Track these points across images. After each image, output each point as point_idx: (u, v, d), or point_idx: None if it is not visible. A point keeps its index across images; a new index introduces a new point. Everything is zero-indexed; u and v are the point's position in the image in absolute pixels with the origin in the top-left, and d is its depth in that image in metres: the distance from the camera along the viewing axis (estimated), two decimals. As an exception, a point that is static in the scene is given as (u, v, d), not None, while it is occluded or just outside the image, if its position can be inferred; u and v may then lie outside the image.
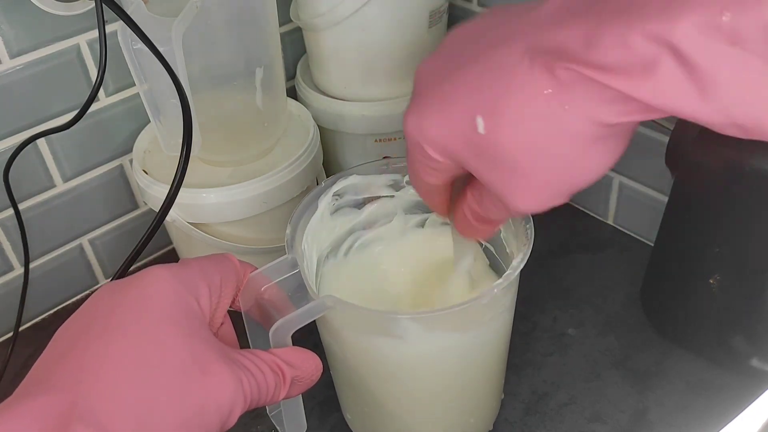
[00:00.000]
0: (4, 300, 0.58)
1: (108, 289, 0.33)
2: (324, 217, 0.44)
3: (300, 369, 0.35)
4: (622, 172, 0.61)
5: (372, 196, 0.47)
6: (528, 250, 0.38)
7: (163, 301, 0.31)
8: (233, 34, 0.50)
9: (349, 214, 0.46)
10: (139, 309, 0.31)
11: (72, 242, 0.61)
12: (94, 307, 0.32)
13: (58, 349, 0.30)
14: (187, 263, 0.34)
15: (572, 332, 0.55)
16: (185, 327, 0.31)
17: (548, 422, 0.49)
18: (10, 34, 0.50)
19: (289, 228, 0.41)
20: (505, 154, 0.29)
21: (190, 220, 0.52)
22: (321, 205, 0.44)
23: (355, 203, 0.46)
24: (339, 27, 0.57)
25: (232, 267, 0.36)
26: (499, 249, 0.45)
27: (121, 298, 0.31)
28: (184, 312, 0.31)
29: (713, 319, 0.49)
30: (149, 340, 0.29)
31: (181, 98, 0.42)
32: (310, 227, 0.43)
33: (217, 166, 0.55)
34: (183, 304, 0.32)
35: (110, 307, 0.31)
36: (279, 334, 0.35)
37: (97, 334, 0.30)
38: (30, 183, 0.56)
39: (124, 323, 0.30)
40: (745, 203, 0.43)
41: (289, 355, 0.34)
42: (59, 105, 0.55)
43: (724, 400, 0.49)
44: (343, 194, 0.45)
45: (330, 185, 0.44)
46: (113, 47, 0.46)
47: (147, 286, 0.32)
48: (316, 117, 0.59)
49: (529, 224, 0.39)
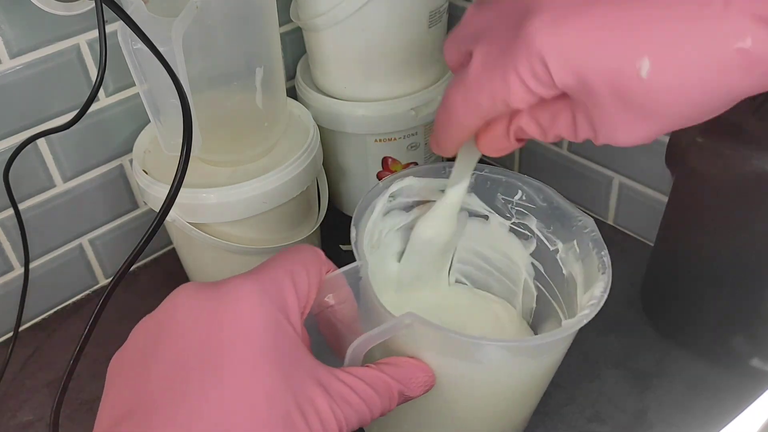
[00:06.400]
0: (4, 300, 0.58)
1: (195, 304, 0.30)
2: (377, 220, 0.43)
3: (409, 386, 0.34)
4: (622, 172, 0.61)
5: (422, 200, 0.45)
6: (608, 278, 0.37)
7: (261, 335, 0.29)
8: (233, 34, 0.50)
9: (397, 217, 0.45)
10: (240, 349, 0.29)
11: (72, 242, 0.61)
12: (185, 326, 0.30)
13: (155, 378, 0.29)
14: (275, 269, 0.32)
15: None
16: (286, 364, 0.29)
17: (548, 422, 0.49)
18: (10, 34, 0.50)
19: (353, 230, 0.39)
20: (652, 99, 0.26)
21: (190, 220, 0.52)
22: (377, 207, 0.42)
23: (405, 206, 0.45)
24: (339, 27, 0.57)
25: (318, 269, 0.34)
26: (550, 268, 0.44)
27: (217, 328, 0.29)
28: (281, 340, 0.30)
29: (713, 319, 0.49)
30: (256, 391, 0.28)
31: (181, 98, 0.42)
32: (367, 229, 0.42)
33: (217, 166, 0.55)
34: (278, 330, 0.30)
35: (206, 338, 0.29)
36: (359, 351, 0.33)
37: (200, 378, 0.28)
38: (30, 183, 0.56)
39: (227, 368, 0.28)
40: (744, 203, 0.43)
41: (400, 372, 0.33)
42: (59, 105, 0.55)
43: (724, 400, 0.49)
44: (397, 196, 0.44)
45: (387, 186, 0.43)
46: (113, 47, 0.46)
47: (240, 312, 0.30)
48: (316, 117, 0.59)
49: (605, 252, 0.38)
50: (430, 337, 0.35)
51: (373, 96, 0.60)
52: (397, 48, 0.58)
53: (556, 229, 0.43)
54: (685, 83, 0.25)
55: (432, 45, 0.60)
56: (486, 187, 0.45)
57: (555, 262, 0.43)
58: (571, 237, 0.42)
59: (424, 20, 0.58)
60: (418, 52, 0.59)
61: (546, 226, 0.43)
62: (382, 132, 0.61)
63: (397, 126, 0.61)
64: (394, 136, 0.61)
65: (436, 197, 0.44)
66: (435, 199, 0.44)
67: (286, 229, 0.56)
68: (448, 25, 0.62)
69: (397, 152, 0.63)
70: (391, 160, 0.63)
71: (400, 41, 0.58)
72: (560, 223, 0.42)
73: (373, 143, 0.62)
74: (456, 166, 0.41)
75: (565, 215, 0.42)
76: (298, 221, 0.57)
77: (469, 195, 0.45)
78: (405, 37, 0.58)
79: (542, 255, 0.45)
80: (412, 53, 0.59)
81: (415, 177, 0.44)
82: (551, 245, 0.43)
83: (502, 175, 0.44)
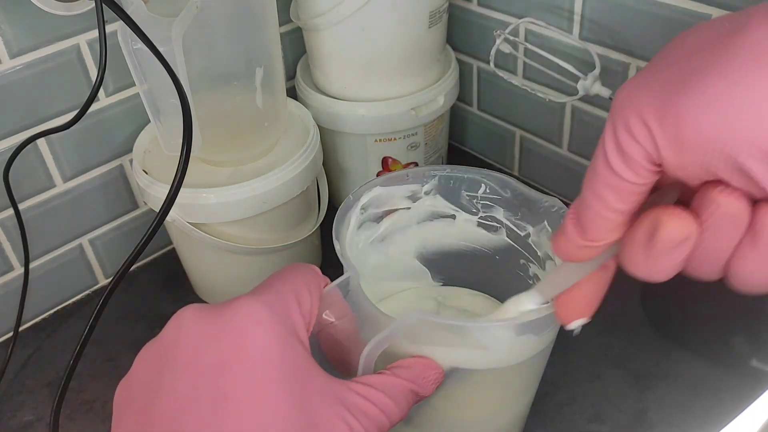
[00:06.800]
0: (4, 300, 0.58)
1: (202, 327, 0.29)
2: (353, 232, 0.43)
3: (422, 386, 0.34)
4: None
5: (390, 209, 0.45)
6: None
7: (272, 358, 0.28)
8: (233, 34, 0.50)
9: (369, 229, 0.45)
10: (250, 374, 0.28)
11: (72, 242, 0.61)
12: (193, 351, 0.29)
13: (164, 407, 0.28)
14: (279, 289, 0.31)
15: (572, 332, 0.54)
16: (298, 387, 0.29)
17: (548, 422, 0.49)
18: (10, 34, 0.50)
19: (337, 243, 0.39)
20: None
21: (190, 220, 0.52)
22: (352, 220, 0.42)
23: (375, 217, 0.45)
24: (339, 27, 0.57)
25: (318, 286, 0.34)
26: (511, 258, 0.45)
27: (225, 352, 0.28)
28: (292, 362, 0.29)
29: (713, 319, 0.49)
30: (267, 419, 0.27)
31: (181, 98, 0.42)
32: (347, 242, 0.41)
33: (217, 166, 0.55)
34: (289, 351, 0.29)
35: (215, 363, 0.28)
36: (372, 356, 0.33)
37: (210, 407, 0.27)
38: (30, 183, 0.56)
39: (238, 394, 0.27)
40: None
41: (412, 373, 0.33)
42: (59, 105, 0.55)
43: (724, 400, 0.49)
44: (368, 208, 0.44)
45: (358, 197, 0.42)
46: (113, 47, 0.46)
47: (249, 334, 0.29)
48: (316, 117, 0.59)
49: None
50: (435, 332, 0.35)
51: (373, 96, 0.60)
52: (397, 48, 0.58)
53: (524, 215, 0.43)
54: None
55: (432, 45, 0.60)
56: (450, 186, 0.45)
57: (528, 246, 0.44)
58: (540, 219, 0.42)
59: (424, 20, 0.58)
60: (418, 52, 0.59)
61: (513, 214, 0.44)
62: (382, 132, 0.61)
63: (397, 126, 0.61)
64: (394, 136, 0.61)
65: (402, 205, 0.44)
66: (399, 206, 0.44)
67: (286, 229, 0.56)
68: (447, 25, 0.62)
69: (397, 152, 0.63)
70: (391, 160, 0.63)
71: (400, 41, 0.58)
72: (526, 208, 0.43)
73: (373, 143, 0.62)
74: (556, 275, 0.35)
75: (531, 201, 0.42)
76: (298, 221, 0.57)
77: (433, 197, 0.45)
78: (405, 37, 0.58)
79: (515, 241, 0.45)
80: (412, 53, 0.59)
81: (382, 186, 0.43)
82: (521, 231, 0.44)
83: (464, 172, 0.44)
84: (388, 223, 0.45)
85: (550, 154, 0.67)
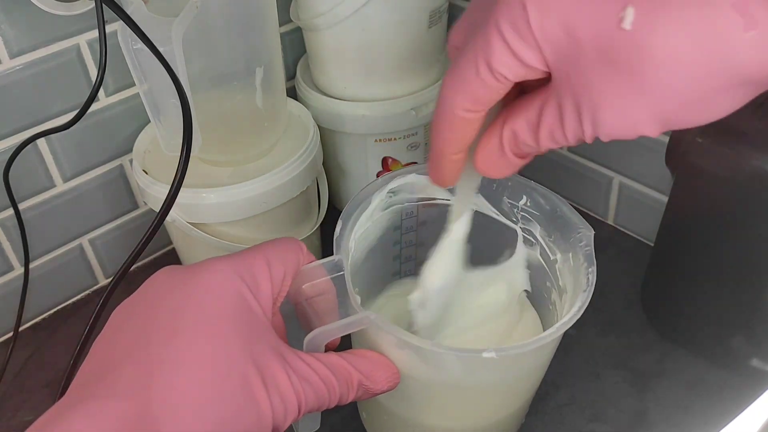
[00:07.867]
0: (4, 300, 0.58)
1: (169, 280, 0.32)
2: (374, 214, 0.43)
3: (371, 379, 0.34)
4: (622, 172, 0.61)
5: (428, 198, 0.45)
6: (587, 297, 0.35)
7: (227, 305, 0.31)
8: (233, 34, 0.50)
9: (400, 212, 0.45)
10: (204, 313, 0.30)
11: (72, 242, 0.61)
12: (157, 297, 0.31)
13: (123, 342, 0.30)
14: (252, 254, 0.33)
15: (572, 332, 0.54)
16: (249, 334, 0.30)
17: (548, 422, 0.49)
18: (10, 34, 0.50)
19: (339, 224, 0.39)
20: (639, 58, 0.23)
21: (190, 220, 0.52)
22: (374, 202, 0.42)
23: (408, 202, 0.45)
24: (339, 27, 0.57)
25: (297, 258, 0.35)
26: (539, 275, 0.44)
27: (185, 297, 0.31)
28: (247, 314, 0.31)
29: (713, 319, 0.49)
30: (216, 350, 0.29)
31: (181, 98, 0.42)
32: (360, 223, 0.41)
33: (217, 166, 0.55)
34: (245, 305, 0.31)
35: (174, 305, 0.30)
36: (314, 343, 0.34)
37: (163, 337, 0.29)
38: (30, 183, 0.56)
39: (190, 328, 0.29)
40: (744, 203, 0.43)
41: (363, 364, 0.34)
42: (59, 105, 0.55)
43: (724, 400, 0.49)
44: (398, 192, 0.44)
45: (387, 182, 0.42)
46: (113, 47, 0.46)
47: (210, 284, 0.31)
48: (316, 117, 0.59)
49: (592, 268, 0.37)
50: (389, 338, 0.36)
51: (373, 96, 0.60)
52: (397, 48, 0.58)
53: (557, 239, 0.42)
54: (679, 46, 0.22)
55: (432, 45, 0.60)
56: (492, 190, 0.44)
57: (554, 272, 0.43)
58: (568, 249, 0.41)
59: (424, 20, 0.58)
60: (418, 52, 0.59)
61: (548, 234, 0.43)
62: (382, 132, 0.61)
63: (397, 126, 0.61)
64: (394, 136, 0.61)
65: (440, 196, 0.44)
66: (437, 196, 0.44)
67: (286, 229, 0.56)
68: (447, 25, 0.62)
69: (397, 152, 0.63)
70: (391, 160, 0.63)
71: (400, 41, 0.58)
72: (560, 233, 0.41)
73: (373, 143, 0.62)
74: (456, 197, 0.39)
75: (567, 224, 0.41)
76: (298, 221, 0.57)
77: (476, 196, 0.44)
78: (405, 37, 0.58)
79: (546, 262, 0.44)
80: (412, 53, 0.59)
81: (418, 174, 0.43)
82: (552, 255, 0.43)
83: (508, 179, 0.43)
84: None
85: (550, 153, 0.67)
